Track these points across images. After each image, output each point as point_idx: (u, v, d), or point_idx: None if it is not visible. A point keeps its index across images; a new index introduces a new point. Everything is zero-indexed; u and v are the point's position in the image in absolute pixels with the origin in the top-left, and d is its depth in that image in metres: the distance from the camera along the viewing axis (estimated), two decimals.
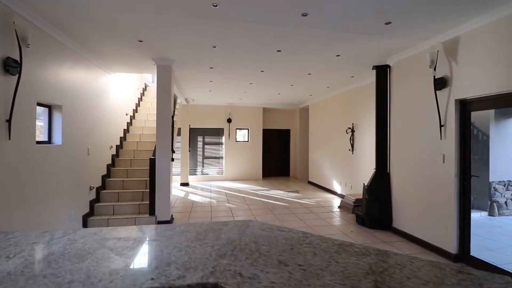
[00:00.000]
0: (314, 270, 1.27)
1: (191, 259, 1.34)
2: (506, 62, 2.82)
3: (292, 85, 6.58)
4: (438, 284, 1.09)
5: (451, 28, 3.28)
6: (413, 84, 4.05)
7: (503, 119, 5.75)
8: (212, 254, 1.42)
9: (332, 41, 3.70)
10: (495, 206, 5.61)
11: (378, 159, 4.83)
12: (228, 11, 2.84)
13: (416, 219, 4.01)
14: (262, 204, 6.38)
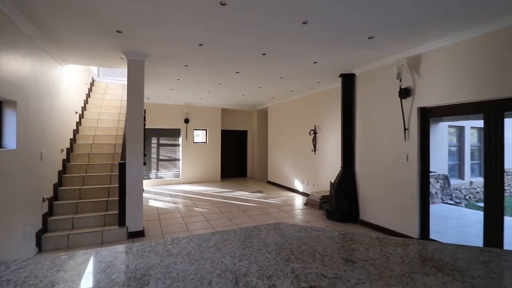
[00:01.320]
0: (380, 262, 1.39)
1: (261, 267, 1.32)
2: (455, 80, 3.45)
3: (260, 87, 6.69)
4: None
5: (415, 47, 3.84)
6: (379, 92, 4.59)
7: (435, 123, 6.93)
8: (276, 259, 1.42)
9: (320, 48, 3.93)
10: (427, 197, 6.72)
11: (345, 159, 5.29)
12: (234, 11, 2.77)
13: (381, 211, 4.55)
14: (232, 206, 6.32)
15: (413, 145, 4.01)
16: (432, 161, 3.99)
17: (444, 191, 6.95)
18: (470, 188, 7.70)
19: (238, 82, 6.02)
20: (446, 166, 7.49)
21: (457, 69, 3.46)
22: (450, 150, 7.98)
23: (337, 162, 5.79)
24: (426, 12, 2.78)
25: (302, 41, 3.61)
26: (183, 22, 3.06)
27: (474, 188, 7.76)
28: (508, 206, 7.25)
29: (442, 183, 6.99)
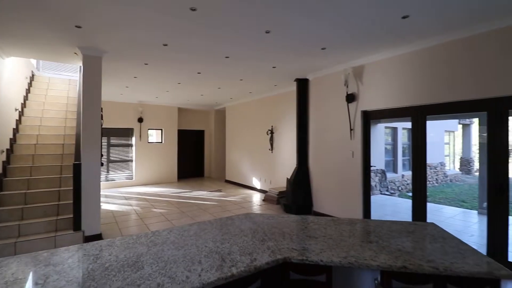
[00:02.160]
0: (336, 237, 1.75)
1: (242, 247, 1.56)
2: (390, 88, 4.10)
3: (219, 88, 6.84)
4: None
5: (360, 58, 4.42)
6: (329, 96, 5.12)
7: (374, 124, 7.88)
8: (253, 240, 1.67)
9: (280, 55, 4.26)
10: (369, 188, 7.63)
11: (299, 156, 5.76)
12: (203, 16, 2.91)
13: (332, 202, 5.09)
14: (192, 205, 6.35)
15: (358, 143, 4.60)
16: (372, 157, 4.64)
17: (382, 184, 7.96)
18: (402, 180, 8.93)
19: (199, 82, 6.09)
20: (383, 162, 8.58)
21: (391, 79, 4.11)
22: (386, 148, 9.15)
23: (293, 159, 6.25)
24: (368, 31, 3.28)
25: (264, 48, 3.89)
26: (150, 23, 3.09)
27: (405, 180, 9.03)
28: (431, 194, 8.61)
29: (380, 177, 7.99)
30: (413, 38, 3.57)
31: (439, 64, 3.57)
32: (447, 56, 3.49)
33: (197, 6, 2.68)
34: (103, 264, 1.34)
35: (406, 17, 2.94)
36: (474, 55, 3.26)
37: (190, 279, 1.20)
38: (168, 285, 1.15)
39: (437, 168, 10.64)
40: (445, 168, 11.36)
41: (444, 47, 3.51)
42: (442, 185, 10.44)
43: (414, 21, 3.04)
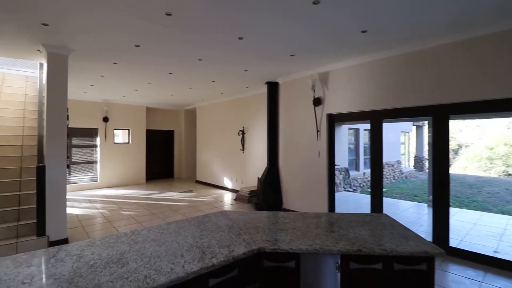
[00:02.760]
0: (303, 228, 1.97)
1: (220, 241, 1.71)
2: (350, 94, 4.48)
3: (191, 89, 6.84)
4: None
5: (325, 65, 4.75)
6: (298, 100, 5.42)
7: (338, 126, 8.41)
8: (230, 235, 1.84)
9: (251, 60, 4.43)
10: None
11: (270, 156, 6.00)
12: (178, 21, 2.99)
13: (300, 199, 5.40)
14: (163, 206, 6.29)
15: (323, 144, 4.94)
16: (337, 157, 5.01)
17: (345, 181, 8.52)
18: (363, 177, 9.62)
19: (170, 82, 6.05)
20: (346, 161, 9.18)
21: (353, 86, 4.49)
22: (350, 147, 9.79)
23: (264, 159, 6.48)
24: (331, 42, 3.59)
25: (237, 53, 4.04)
26: (124, 25, 3.08)
27: (366, 178, 9.74)
28: (389, 190, 9.39)
29: (344, 175, 8.55)
30: (371, 50, 3.96)
31: (393, 73, 4.00)
32: (400, 67, 3.93)
33: (173, 11, 2.76)
34: (88, 262, 1.41)
35: (365, 31, 3.28)
36: (421, 66, 3.72)
37: (174, 270, 1.32)
38: (155, 276, 1.26)
39: (394, 166, 11.60)
40: (401, 165, 12.41)
41: (398, 58, 3.94)
42: (398, 181, 11.40)
43: (372, 35, 3.40)
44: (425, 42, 3.59)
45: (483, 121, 17.75)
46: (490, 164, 17.07)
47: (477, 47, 3.26)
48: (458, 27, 3.15)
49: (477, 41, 3.25)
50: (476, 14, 2.83)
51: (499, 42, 3.10)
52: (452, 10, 2.75)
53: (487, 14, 2.82)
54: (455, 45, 3.42)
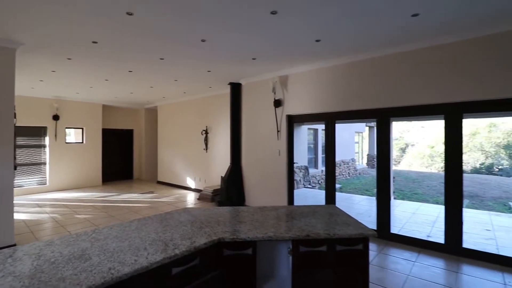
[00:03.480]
0: (261, 220, 2.18)
1: (182, 234, 1.83)
2: (307, 97, 4.83)
3: (152, 87, 6.69)
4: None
5: (285, 69, 5.03)
6: (260, 101, 5.64)
7: (298, 126, 8.84)
8: (192, 228, 1.97)
9: (214, 61, 4.52)
10: (295, 183, 8.54)
11: (233, 155, 6.15)
12: (139, 21, 2.99)
13: (262, 196, 5.63)
14: (122, 208, 6.08)
15: (283, 143, 5.23)
16: (297, 155, 5.33)
17: (305, 178, 9.00)
18: (321, 175, 10.23)
19: (130, 80, 5.87)
20: (306, 159, 9.69)
21: (310, 89, 4.83)
22: (309, 147, 10.34)
23: (227, 158, 6.60)
24: (289, 48, 3.85)
25: (199, 54, 4.11)
26: (81, 22, 2.98)
27: (324, 175, 10.37)
28: (344, 185, 10.10)
29: (303, 172, 9.02)
30: (326, 57, 4.31)
31: (345, 79, 4.41)
32: (350, 73, 4.35)
33: (134, 11, 2.76)
34: (48, 260, 1.43)
35: (319, 40, 3.60)
36: (368, 74, 4.16)
37: (138, 261, 1.41)
38: (119, 267, 1.34)
39: (349, 163, 12.49)
40: (355, 163, 13.40)
41: (349, 66, 4.36)
42: (353, 178, 12.31)
43: (325, 44, 3.73)
44: (370, 52, 4.03)
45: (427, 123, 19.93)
46: (431, 161, 19.20)
47: (414, 59, 3.76)
48: (398, 41, 3.61)
49: (413, 53, 3.75)
50: (414, 32, 3.28)
51: (432, 55, 3.62)
52: (391, 28, 3.16)
53: (424, 31, 3.29)
54: (395, 56, 3.90)
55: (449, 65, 3.49)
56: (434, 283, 2.87)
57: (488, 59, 3.25)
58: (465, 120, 3.49)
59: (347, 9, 2.75)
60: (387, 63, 3.97)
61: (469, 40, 3.35)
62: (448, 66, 3.50)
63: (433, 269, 3.19)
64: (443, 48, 3.53)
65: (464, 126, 3.50)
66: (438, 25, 3.11)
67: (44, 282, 1.20)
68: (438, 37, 3.45)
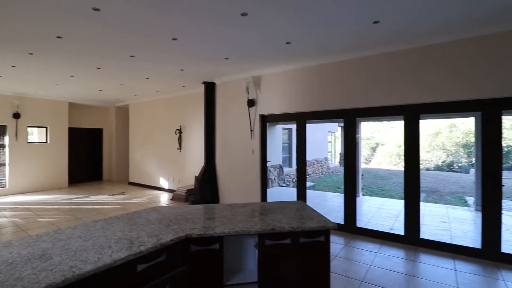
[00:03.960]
0: (230, 216, 2.24)
1: (149, 232, 1.85)
2: (280, 97, 4.96)
3: (122, 85, 6.49)
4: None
5: (258, 69, 5.12)
6: (234, 100, 5.69)
7: (272, 126, 9.00)
8: (159, 226, 2.00)
9: (187, 60, 4.49)
10: (269, 181, 8.69)
11: (207, 155, 6.14)
12: (107, 16, 2.91)
13: (235, 194, 5.68)
14: (90, 211, 5.84)
15: (257, 142, 5.32)
16: (271, 154, 5.44)
17: (279, 177, 9.18)
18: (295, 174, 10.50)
19: (97, 77, 5.65)
20: (280, 158, 9.88)
21: (282, 90, 4.96)
22: (284, 146, 10.55)
23: (201, 158, 6.57)
24: (261, 50, 3.94)
25: (171, 52, 4.08)
26: (45, 17, 2.85)
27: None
28: (317, 183, 10.41)
29: (278, 171, 9.19)
30: (296, 59, 4.45)
31: (314, 81, 4.58)
32: (319, 75, 4.53)
33: (101, 7, 2.70)
34: (6, 261, 1.38)
35: (289, 43, 3.72)
36: (334, 77, 4.36)
37: (102, 259, 1.40)
38: (81, 265, 1.33)
39: (322, 162, 12.90)
40: (328, 162, 13.86)
41: (317, 68, 4.53)
42: (325, 176, 12.73)
43: (295, 46, 3.86)
44: (337, 56, 4.23)
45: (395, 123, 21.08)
46: (398, 159, 20.33)
47: (375, 63, 4.01)
48: (361, 47, 3.82)
49: (375, 58, 4.00)
50: (375, 38, 3.50)
51: (390, 60, 3.88)
52: (354, 34, 3.35)
53: (383, 38, 3.52)
54: (360, 60, 4.13)
55: (405, 70, 3.77)
56: (393, 271, 3.09)
57: (437, 67, 3.56)
58: (428, 121, 3.83)
59: (313, 15, 2.88)
60: (352, 67, 4.19)
61: (420, 47, 3.64)
62: (404, 71, 3.78)
63: (393, 258, 3.43)
64: (396, 55, 3.81)
65: (427, 127, 3.86)
66: (394, 32, 3.35)
67: (1, 282, 1.17)
68: (394, 44, 3.71)
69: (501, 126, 3.28)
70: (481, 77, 3.31)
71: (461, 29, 3.26)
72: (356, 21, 3.04)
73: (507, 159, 15.20)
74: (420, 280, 2.92)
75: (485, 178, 3.39)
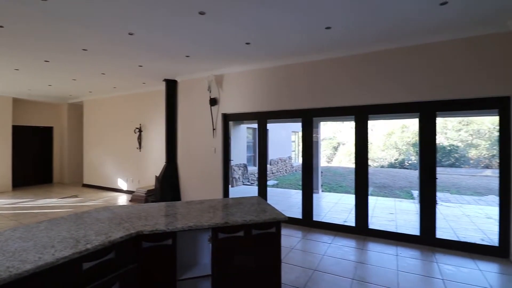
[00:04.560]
0: (185, 213, 2.25)
1: (97, 231, 1.81)
2: (242, 96, 5.05)
3: (75, 80, 6.08)
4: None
5: (220, 68, 5.15)
6: (196, 99, 5.64)
7: (237, 125, 9.07)
8: (110, 225, 1.96)
9: (145, 56, 4.36)
10: (234, 180, 8.75)
11: (168, 154, 6.01)
12: (54, 6, 2.74)
13: (198, 193, 5.65)
14: (37, 215, 5.38)
15: (219, 141, 5.34)
16: (236, 154, 5.49)
17: (244, 176, 9.28)
18: None
19: (46, 71, 5.23)
20: (245, 157, 9.98)
21: (244, 89, 5.05)
22: (249, 145, 10.67)
23: (162, 157, 6.40)
24: (221, 49, 3.98)
25: (128, 47, 3.93)
26: None
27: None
28: (281, 181, 10.69)
29: (242, 170, 9.28)
30: (257, 59, 4.57)
31: (274, 81, 4.74)
32: (279, 76, 4.70)
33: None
34: None
35: (248, 43, 3.81)
36: (295, 77, 4.56)
37: (43, 258, 1.35)
38: (19, 265, 1.27)
39: (286, 161, 13.28)
40: (292, 161, 14.30)
41: (278, 69, 4.70)
42: (289, 174, 13.13)
43: (254, 47, 3.96)
44: (289, 59, 4.44)
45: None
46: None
47: (320, 68, 4.27)
48: (309, 51, 4.05)
49: (320, 63, 4.26)
50: (328, 42, 3.74)
51: (343, 65, 4.17)
52: (307, 38, 3.55)
53: (336, 43, 3.77)
54: (315, 63, 4.37)
55: (353, 74, 4.09)
56: (343, 259, 3.34)
57: (378, 72, 3.93)
58: (382, 122, 4.17)
59: (268, 17, 3.00)
60: (308, 68, 4.42)
61: (365, 54, 3.98)
62: (352, 74, 4.09)
63: (344, 248, 3.70)
64: (345, 60, 4.13)
65: (383, 128, 4.16)
66: (347, 38, 3.62)
67: None
68: (343, 49, 4.00)
69: (435, 126, 3.71)
70: (418, 82, 3.72)
71: (401, 38, 3.63)
72: (309, 26, 3.23)
73: (449, 157, 16.98)
74: (367, 266, 3.19)
75: (422, 172, 3.80)
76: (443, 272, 3.02)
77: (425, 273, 3.04)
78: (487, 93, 3.36)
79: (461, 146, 16.47)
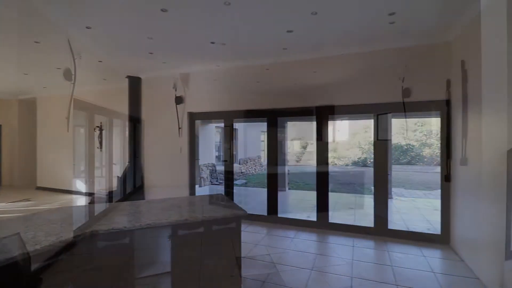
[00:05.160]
0: (145, 210, 2.25)
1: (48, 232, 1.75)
2: (208, 95, 5.05)
3: (26, 74, 5.62)
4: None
5: (186, 66, 5.09)
6: (161, 97, 5.51)
7: (205, 124, 9.00)
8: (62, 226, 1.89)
9: (104, 50, 4.18)
10: (201, 180, 8.67)
11: (132, 153, 5.80)
12: None
13: (163, 193, 5.52)
14: None
15: (185, 140, 5.28)
16: (204, 153, 5.46)
17: (212, 175, 9.23)
18: None
19: None
20: (213, 157, 9.94)
21: (209, 88, 5.05)
22: (217, 144, 10.64)
23: (125, 157, 6.15)
24: (184, 47, 3.95)
25: (84, 41, 3.75)
26: None
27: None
28: (250, 180, 10.79)
29: (211, 170, 9.23)
30: (224, 58, 4.59)
31: (239, 80, 4.81)
32: (243, 76, 4.77)
33: None
34: None
35: (213, 43, 3.83)
36: (257, 78, 4.66)
37: None
38: None
39: (255, 160, 13.42)
40: (261, 160, 14.49)
41: (244, 68, 4.77)
42: (258, 173, 13.29)
43: (219, 46, 3.99)
44: (250, 60, 4.54)
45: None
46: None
47: (293, 67, 4.44)
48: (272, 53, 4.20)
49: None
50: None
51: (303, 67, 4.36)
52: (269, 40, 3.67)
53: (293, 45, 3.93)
54: (281, 64, 4.51)
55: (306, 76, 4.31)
56: (305, 252, 3.51)
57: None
58: (348, 122, 4.41)
59: (235, 17, 3.06)
60: (271, 69, 4.55)
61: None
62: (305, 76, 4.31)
63: (306, 242, 3.88)
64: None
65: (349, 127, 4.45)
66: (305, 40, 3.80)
67: None
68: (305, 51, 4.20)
69: (378, 126, 4.04)
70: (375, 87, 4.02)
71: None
72: (274, 28, 3.34)
73: (406, 155, 18.33)
74: (325, 257, 3.39)
75: (376, 168, 4.11)
76: (393, 259, 3.30)
77: (376, 261, 3.30)
78: (430, 97, 3.74)
79: (416, 145, 17.91)
